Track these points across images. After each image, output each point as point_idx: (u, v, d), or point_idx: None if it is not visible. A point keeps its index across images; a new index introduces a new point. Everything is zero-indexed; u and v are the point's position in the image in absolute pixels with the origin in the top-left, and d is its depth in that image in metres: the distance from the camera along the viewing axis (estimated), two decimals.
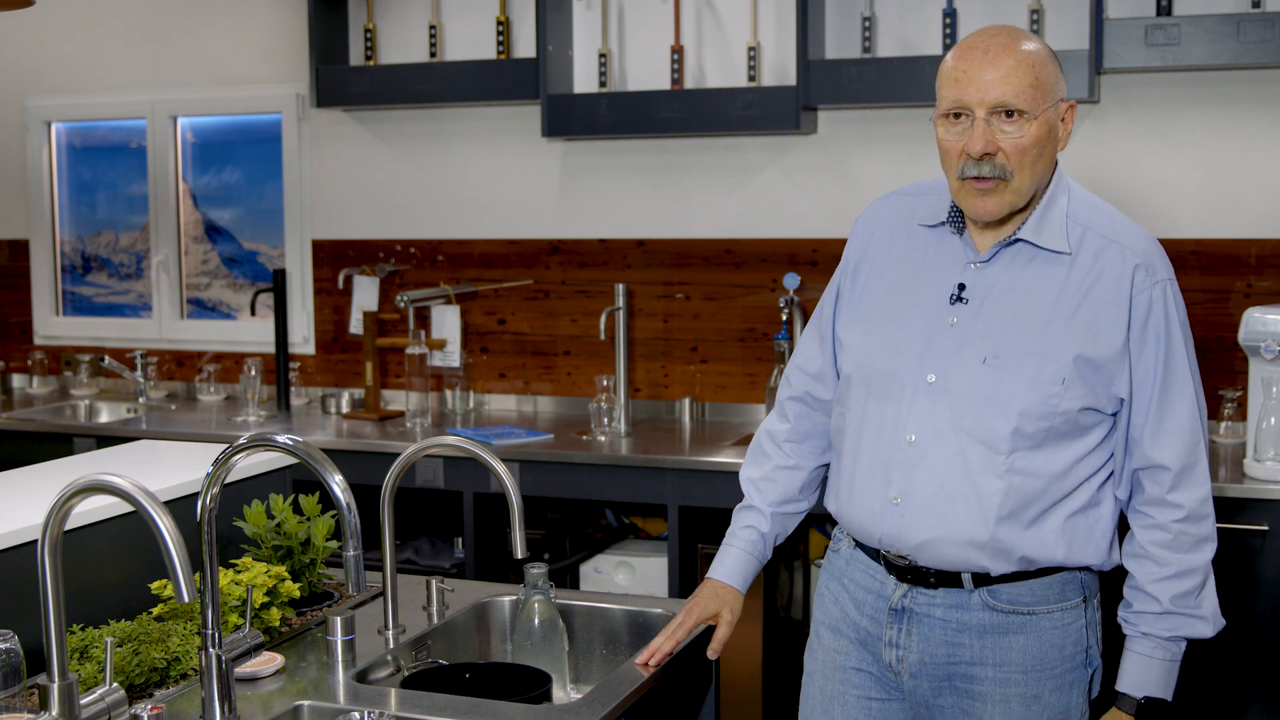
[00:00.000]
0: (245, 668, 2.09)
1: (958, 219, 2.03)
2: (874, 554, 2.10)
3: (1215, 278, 3.84)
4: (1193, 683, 3.32)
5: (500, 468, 2.25)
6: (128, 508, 2.20)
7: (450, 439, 2.38)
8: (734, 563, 2.26)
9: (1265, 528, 3.23)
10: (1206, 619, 2.00)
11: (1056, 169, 2.02)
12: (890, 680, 2.10)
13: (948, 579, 2.02)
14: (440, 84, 4.33)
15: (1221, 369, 3.84)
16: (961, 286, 2.00)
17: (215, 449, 2.61)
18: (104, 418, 4.78)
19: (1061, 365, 1.92)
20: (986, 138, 1.90)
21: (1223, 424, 3.76)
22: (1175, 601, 1.98)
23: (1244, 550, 3.25)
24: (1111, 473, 2.02)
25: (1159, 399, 1.96)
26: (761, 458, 2.29)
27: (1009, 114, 1.90)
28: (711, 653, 2.22)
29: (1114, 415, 1.98)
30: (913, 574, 2.04)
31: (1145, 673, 2.01)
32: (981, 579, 2.00)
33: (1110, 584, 2.15)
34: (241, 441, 1.87)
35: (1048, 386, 1.92)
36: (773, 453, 2.28)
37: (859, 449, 2.07)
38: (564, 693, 2.32)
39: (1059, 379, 1.92)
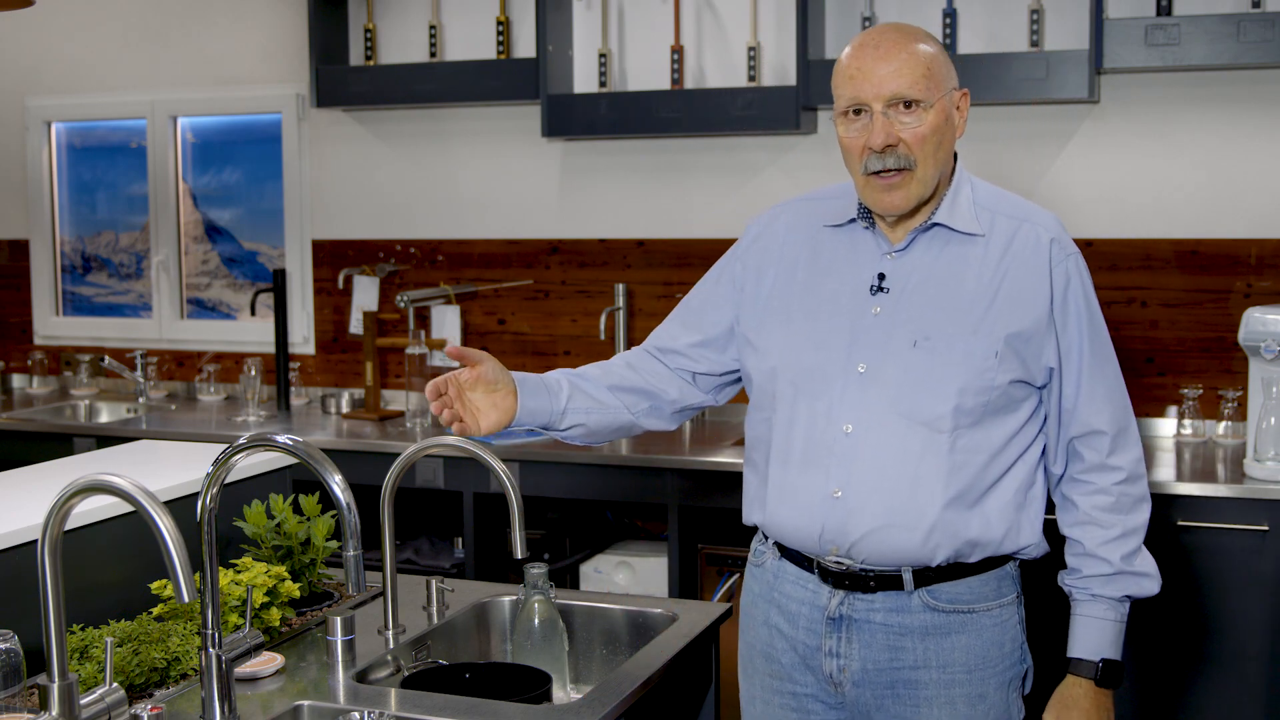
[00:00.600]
0: (245, 668, 2.10)
1: (867, 214, 2.06)
2: (805, 563, 2.07)
3: (1215, 278, 3.84)
4: (1192, 683, 3.33)
5: (500, 468, 2.25)
6: (128, 508, 2.20)
7: (450, 439, 2.37)
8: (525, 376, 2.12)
9: (1265, 528, 3.23)
10: (1152, 575, 2.05)
11: (957, 161, 2.06)
12: (830, 695, 2.07)
13: (887, 581, 2.01)
14: (440, 84, 4.33)
15: (1221, 369, 3.84)
16: (881, 276, 2.02)
17: (215, 449, 2.61)
18: (104, 418, 4.78)
19: (993, 340, 1.96)
20: (886, 130, 1.94)
21: (1222, 424, 3.76)
22: (1125, 561, 2.02)
23: (1244, 550, 3.25)
24: (1044, 449, 2.05)
25: (1090, 366, 2.01)
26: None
27: (906, 105, 1.94)
28: (449, 350, 2.06)
29: (1041, 389, 2.02)
30: (850, 579, 2.02)
31: (1100, 635, 2.04)
32: (922, 578, 2.00)
33: (1029, 577, 2.16)
34: (241, 441, 1.87)
35: (981, 362, 1.95)
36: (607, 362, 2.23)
37: (789, 448, 2.05)
38: (564, 693, 2.32)
39: (992, 353, 1.96)
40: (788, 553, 2.10)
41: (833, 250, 2.08)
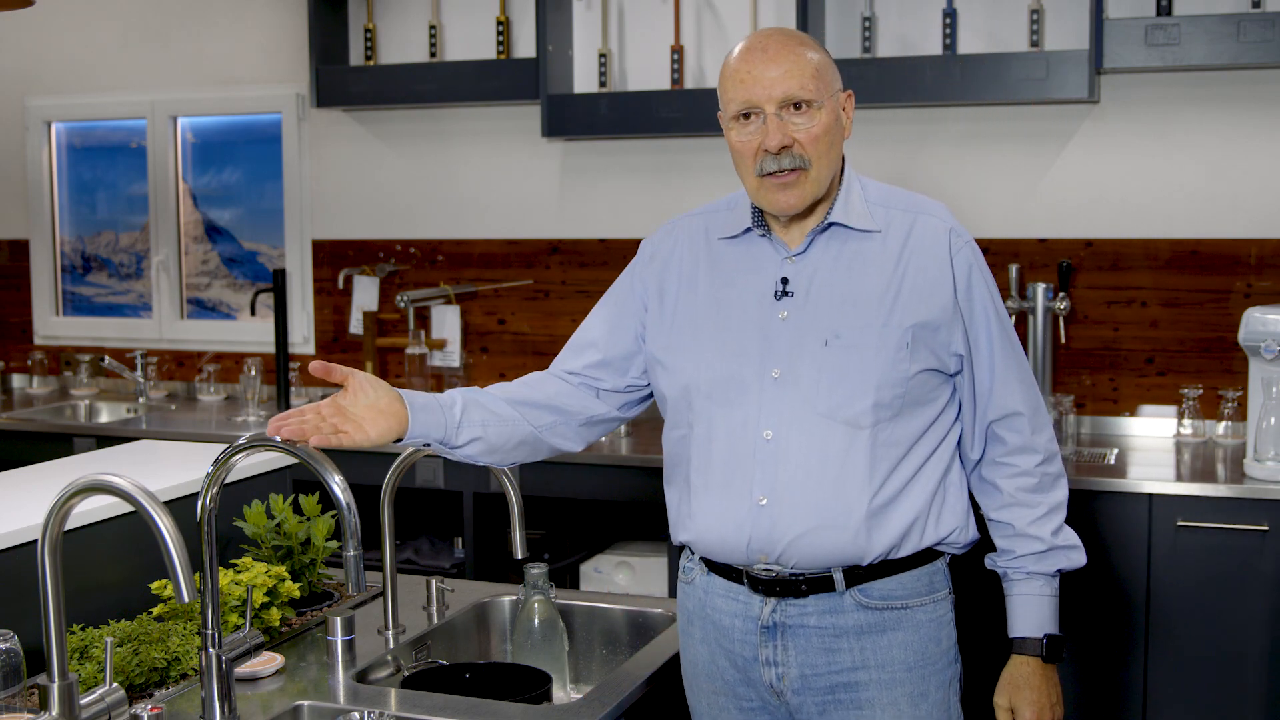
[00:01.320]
0: (245, 668, 2.10)
1: (762, 222, 2.06)
2: (734, 575, 2.05)
3: (1215, 278, 3.84)
4: (1193, 682, 3.33)
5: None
6: (128, 508, 2.20)
7: None
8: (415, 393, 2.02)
9: (1265, 528, 3.23)
10: (1078, 547, 2.09)
11: (845, 161, 2.07)
12: (775, 706, 2.05)
13: (818, 584, 1.99)
14: (440, 84, 4.33)
15: (1221, 369, 3.84)
16: (784, 280, 2.03)
17: (215, 449, 2.61)
18: (104, 418, 4.78)
19: (902, 332, 1.97)
20: (781, 131, 1.95)
21: (1222, 424, 3.76)
22: (1054, 537, 2.06)
23: (1244, 550, 3.25)
24: (960, 436, 2.07)
25: (1000, 349, 2.03)
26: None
27: (797, 106, 1.96)
28: (313, 366, 1.93)
29: (954, 376, 2.04)
30: (781, 586, 2.00)
31: (1040, 611, 2.07)
32: (853, 577, 1.99)
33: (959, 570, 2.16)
34: (241, 441, 1.87)
35: (894, 354, 1.96)
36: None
37: (709, 462, 2.03)
38: (564, 693, 2.32)
39: (903, 345, 1.97)
40: (715, 567, 2.07)
41: (732, 261, 2.08)
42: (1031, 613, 2.08)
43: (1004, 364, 2.04)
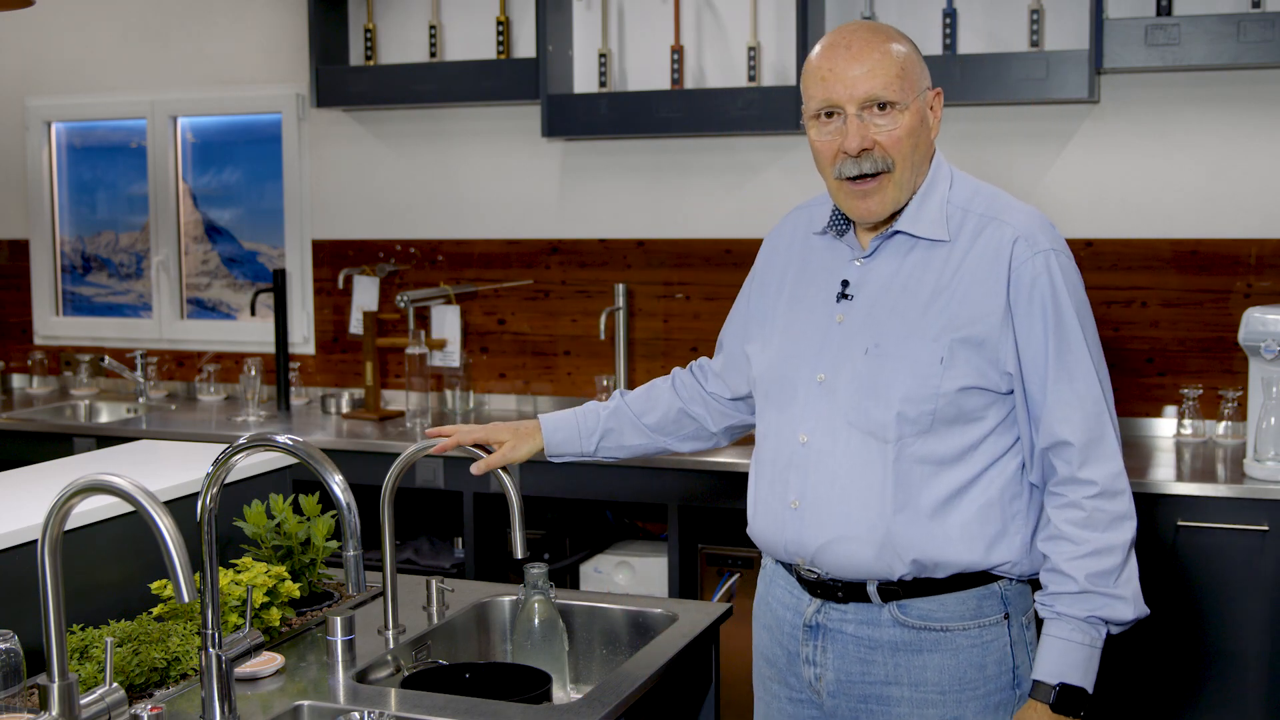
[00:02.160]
0: (245, 668, 2.10)
1: (839, 222, 2.02)
2: (790, 569, 2.06)
3: (1215, 278, 3.84)
4: (1192, 683, 3.33)
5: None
6: (128, 508, 2.20)
7: None
8: (559, 417, 2.30)
9: (1265, 528, 3.23)
10: (1126, 600, 1.90)
11: (935, 157, 2.02)
12: (814, 701, 2.05)
13: (854, 593, 1.97)
14: (440, 84, 4.33)
15: (1221, 369, 3.84)
16: (845, 284, 2.00)
17: (215, 449, 2.61)
18: (104, 418, 4.78)
19: (939, 346, 1.89)
20: (861, 133, 1.90)
21: (1222, 424, 3.76)
22: (1092, 580, 1.88)
23: (1244, 550, 3.25)
24: (1024, 459, 1.96)
25: (1055, 371, 1.89)
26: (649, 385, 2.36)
27: (881, 107, 1.90)
28: (475, 468, 2.24)
29: (1009, 394, 1.92)
30: (822, 589, 2.00)
31: (1063, 658, 1.90)
32: (889, 593, 1.95)
33: None
34: (241, 441, 1.87)
35: (926, 369, 1.89)
36: (659, 383, 2.35)
37: (760, 458, 2.07)
38: (564, 693, 2.32)
39: (937, 359, 1.89)
40: (779, 559, 2.10)
41: (818, 258, 2.07)
42: (1053, 657, 1.90)
43: (1059, 388, 1.89)
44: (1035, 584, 1.99)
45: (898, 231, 1.97)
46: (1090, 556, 1.89)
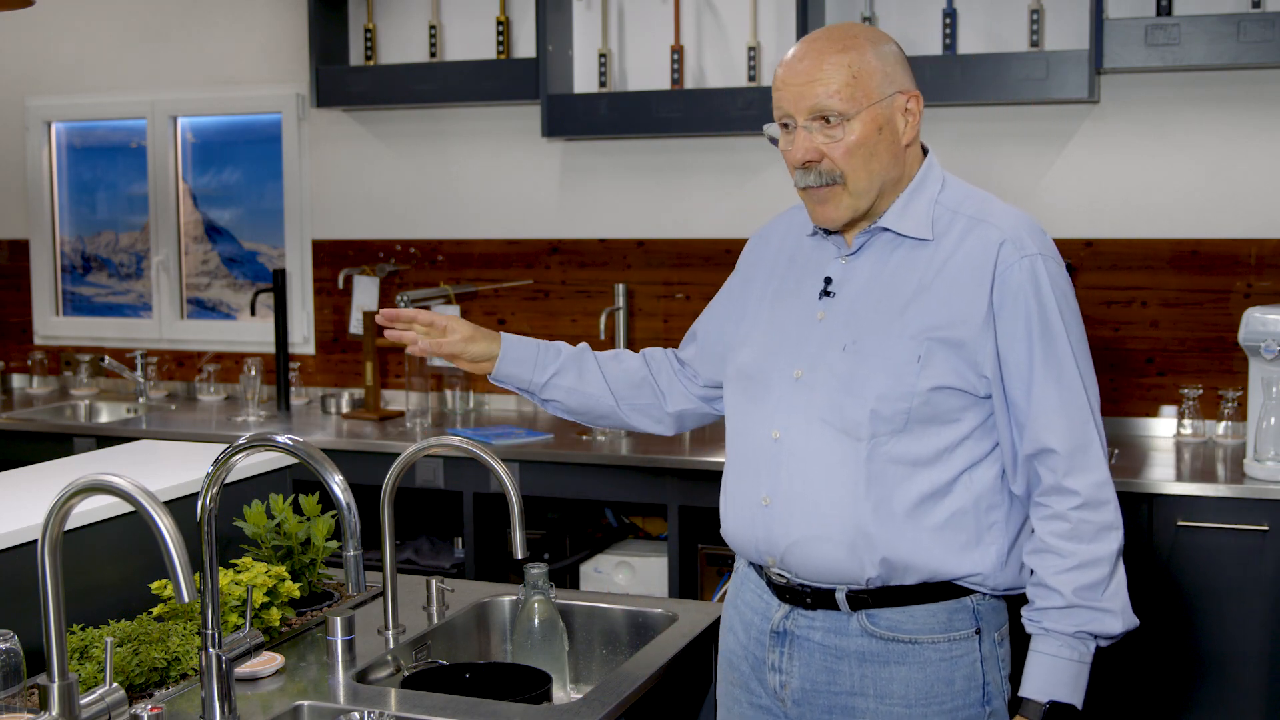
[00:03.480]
0: (245, 668, 2.09)
1: None
2: (761, 572, 2.02)
3: (1215, 278, 3.84)
4: (1192, 683, 3.33)
5: (500, 468, 2.24)
6: (128, 508, 2.20)
7: (450, 439, 2.37)
8: (525, 338, 2.20)
9: (1265, 528, 3.23)
10: (1115, 613, 1.87)
11: (926, 159, 1.98)
12: (778, 709, 2.02)
13: (822, 599, 1.94)
14: (440, 84, 4.33)
15: (1221, 369, 3.84)
16: (828, 280, 1.98)
17: (215, 449, 2.61)
18: (104, 418, 4.79)
19: (916, 344, 1.86)
20: (806, 146, 1.88)
21: (1222, 424, 3.76)
22: (1079, 594, 1.85)
23: (1244, 550, 3.25)
24: (1003, 467, 1.92)
25: (1039, 377, 1.85)
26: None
27: (827, 119, 1.87)
28: (414, 349, 2.13)
29: (988, 398, 1.89)
30: (791, 594, 1.96)
31: (1051, 674, 1.86)
32: (858, 601, 1.92)
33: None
34: (241, 441, 1.87)
35: (902, 366, 1.86)
36: (626, 352, 2.30)
37: (732, 453, 2.04)
38: (564, 693, 2.32)
39: (914, 358, 1.86)
40: (750, 561, 2.06)
41: (803, 257, 2.05)
42: (1040, 674, 1.86)
43: (1043, 394, 1.85)
44: (1014, 600, 1.96)
45: (882, 229, 1.95)
46: (1077, 570, 1.86)
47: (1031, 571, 1.89)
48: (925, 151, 2.00)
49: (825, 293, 1.97)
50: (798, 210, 2.13)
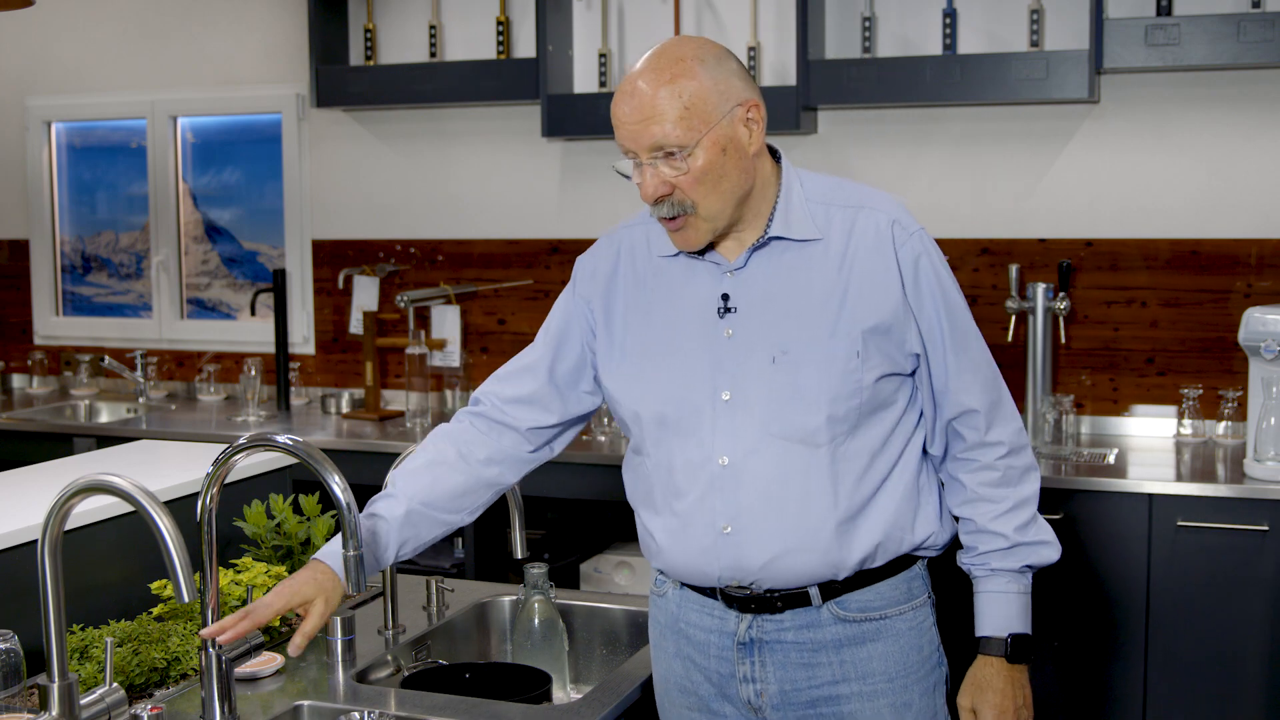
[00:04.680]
0: (245, 668, 2.10)
1: None
2: (708, 590, 1.98)
3: (1215, 278, 3.84)
4: (1192, 682, 3.33)
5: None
6: (128, 508, 2.20)
7: None
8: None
9: (1265, 528, 3.23)
10: (1050, 543, 2.00)
11: (782, 163, 1.97)
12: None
13: (794, 600, 1.93)
14: (440, 84, 4.33)
15: (1221, 369, 3.84)
16: (725, 297, 1.94)
17: (215, 449, 2.61)
18: (104, 418, 4.79)
19: (851, 340, 1.88)
20: (654, 183, 1.85)
21: (1222, 424, 3.76)
22: (1019, 532, 1.97)
23: (1244, 550, 3.25)
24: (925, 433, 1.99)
25: (952, 344, 1.93)
26: (422, 450, 2.08)
27: (670, 154, 1.83)
28: (293, 649, 1.88)
29: (913, 374, 1.95)
30: (756, 602, 1.94)
31: (1006, 609, 1.98)
32: (829, 591, 1.94)
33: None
34: (241, 441, 1.87)
35: (845, 365, 1.87)
36: (436, 447, 2.07)
37: (671, 491, 1.96)
38: (564, 693, 2.32)
39: (853, 354, 1.88)
40: (686, 582, 2.02)
41: (673, 279, 1.98)
42: (997, 611, 1.99)
43: (958, 360, 1.94)
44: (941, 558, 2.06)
45: (773, 239, 1.92)
46: (1012, 512, 1.97)
47: (966, 520, 2.00)
48: (774, 152, 1.98)
49: (726, 310, 1.93)
50: (626, 231, 2.08)
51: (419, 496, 2.02)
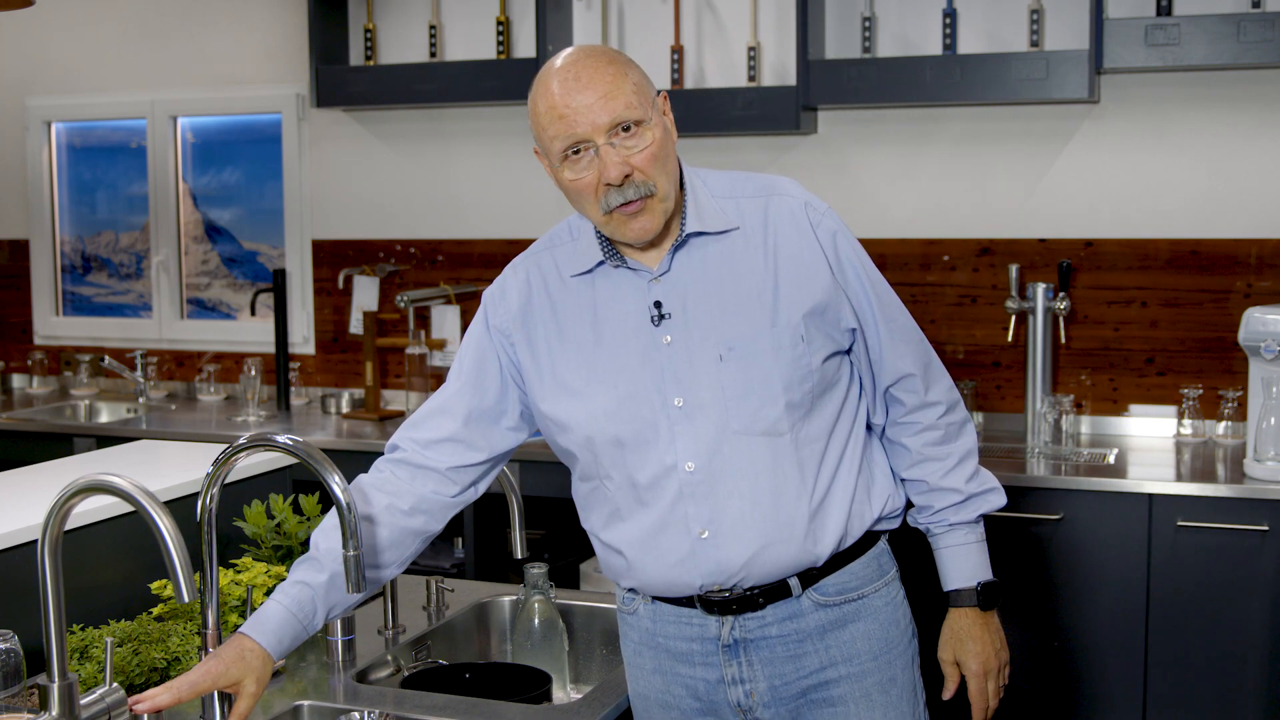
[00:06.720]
0: None
1: (614, 252, 1.94)
2: (683, 600, 1.97)
3: (1215, 278, 3.84)
4: (1193, 682, 3.33)
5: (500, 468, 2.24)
6: (128, 508, 2.21)
7: None
8: (277, 624, 1.86)
9: (1265, 528, 3.23)
10: (996, 489, 2.07)
11: (681, 164, 1.96)
12: None
13: (774, 593, 1.93)
14: (440, 84, 4.33)
15: (1221, 369, 3.84)
16: (658, 304, 1.90)
17: (215, 449, 2.61)
18: (104, 418, 4.79)
19: (794, 326, 1.88)
20: (618, 160, 1.81)
21: (1222, 424, 3.76)
22: (969, 484, 2.04)
23: (1244, 550, 3.25)
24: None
25: (881, 313, 1.97)
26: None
27: (627, 128, 1.81)
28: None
29: (850, 350, 1.98)
30: (738, 603, 1.93)
31: (969, 560, 2.05)
32: (807, 578, 1.95)
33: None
34: (241, 441, 1.87)
35: (792, 351, 1.88)
36: (359, 500, 1.97)
37: (637, 508, 1.94)
38: (564, 693, 2.32)
39: (798, 339, 1.88)
40: (657, 595, 2.00)
41: (595, 297, 1.94)
42: (962, 563, 2.05)
43: (888, 328, 1.98)
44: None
45: (691, 235, 1.91)
46: (959, 466, 2.04)
47: (917, 482, 2.04)
48: None
49: (661, 316, 1.91)
50: (537, 255, 2.07)
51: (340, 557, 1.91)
